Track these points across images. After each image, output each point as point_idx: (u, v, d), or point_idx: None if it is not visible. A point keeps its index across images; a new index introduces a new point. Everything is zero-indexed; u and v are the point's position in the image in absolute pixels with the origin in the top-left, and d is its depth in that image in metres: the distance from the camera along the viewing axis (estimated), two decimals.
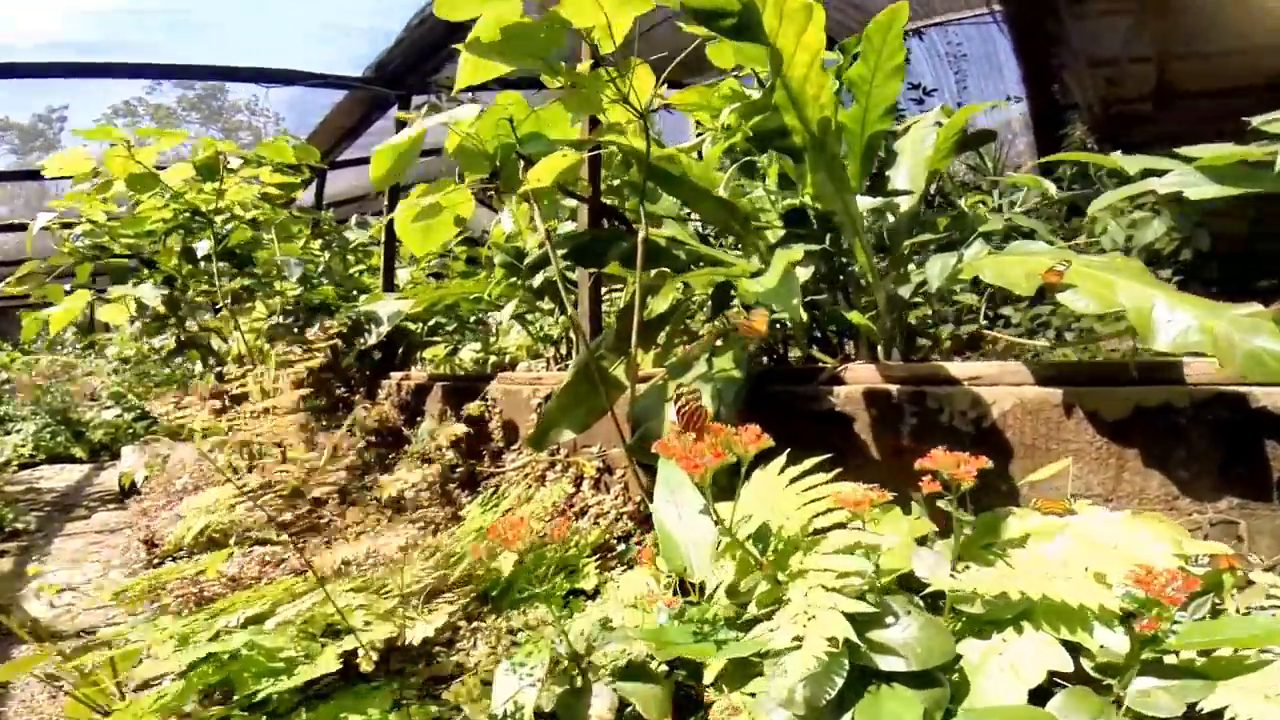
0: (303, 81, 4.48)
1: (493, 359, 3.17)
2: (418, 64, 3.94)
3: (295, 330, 2.95)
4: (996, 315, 2.22)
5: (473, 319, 3.46)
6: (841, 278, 1.67)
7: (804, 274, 1.52)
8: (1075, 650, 0.83)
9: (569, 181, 1.42)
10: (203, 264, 2.67)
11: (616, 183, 2.31)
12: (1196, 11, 3.41)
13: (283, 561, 1.86)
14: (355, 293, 3.57)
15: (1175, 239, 2.31)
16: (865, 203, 1.55)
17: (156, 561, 2.41)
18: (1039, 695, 0.79)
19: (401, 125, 1.60)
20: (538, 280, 2.38)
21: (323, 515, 1.90)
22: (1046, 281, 1.25)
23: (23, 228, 3.39)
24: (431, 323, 3.49)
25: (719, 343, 1.41)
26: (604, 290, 2.51)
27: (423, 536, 1.93)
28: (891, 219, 1.68)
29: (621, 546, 1.58)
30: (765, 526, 0.89)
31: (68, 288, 3.07)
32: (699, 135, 1.86)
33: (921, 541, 0.94)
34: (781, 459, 0.99)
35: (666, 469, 1.03)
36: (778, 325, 1.65)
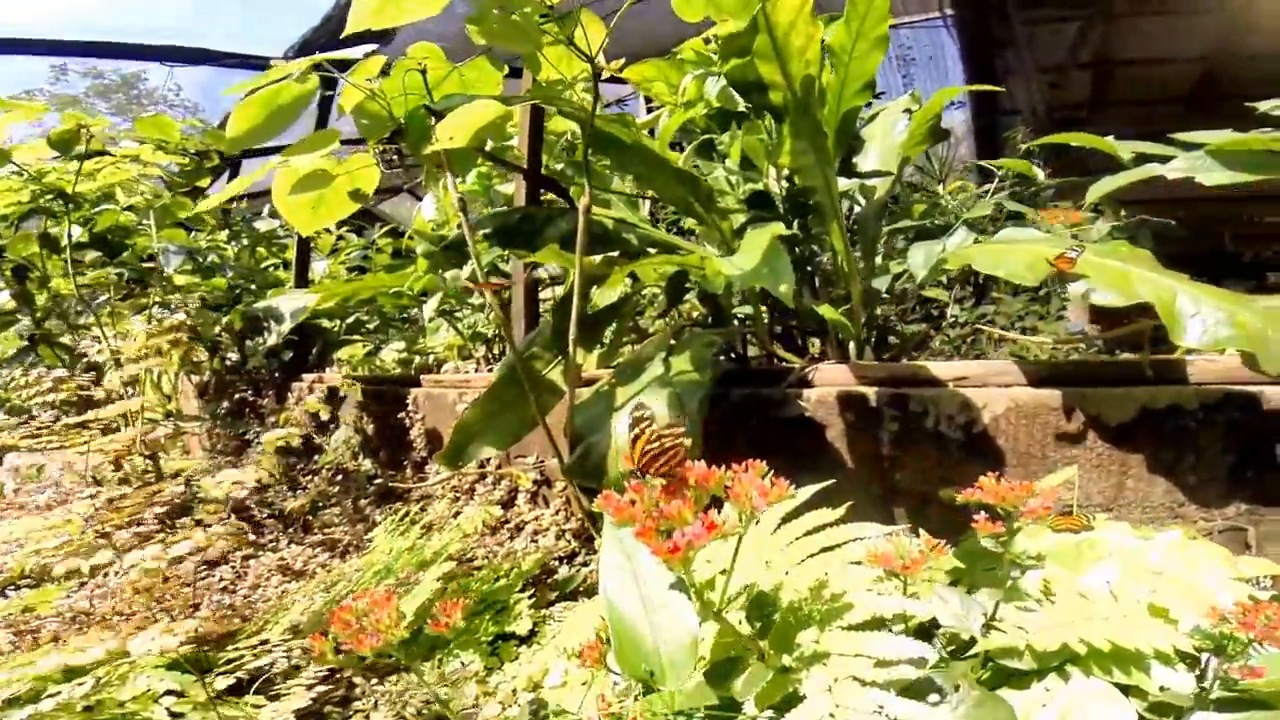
0: (217, 61, 4.05)
1: (418, 360, 2.88)
2: (347, 43, 3.60)
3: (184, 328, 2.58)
4: (941, 314, 2.10)
5: (401, 316, 3.16)
6: (809, 268, 1.49)
7: None
8: (1124, 691, 0.68)
9: (498, 145, 1.20)
10: (69, 253, 2.29)
11: (560, 167, 2.08)
12: (1130, 25, 3.46)
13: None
14: (259, 288, 3.22)
15: (1119, 239, 2.26)
16: (840, 183, 1.38)
17: None
18: None
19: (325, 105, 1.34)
20: (466, 270, 2.13)
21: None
22: (1058, 270, 1.10)
23: None
24: (351, 320, 3.17)
25: (675, 340, 1.21)
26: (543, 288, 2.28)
27: (327, 563, 1.65)
28: (862, 205, 1.51)
29: (564, 570, 1.35)
30: (763, 595, 0.68)
31: None
32: (650, 112, 1.65)
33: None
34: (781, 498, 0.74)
35: (622, 532, 0.69)
36: (739, 319, 1.47)
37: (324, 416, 2.90)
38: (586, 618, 0.92)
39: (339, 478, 2.40)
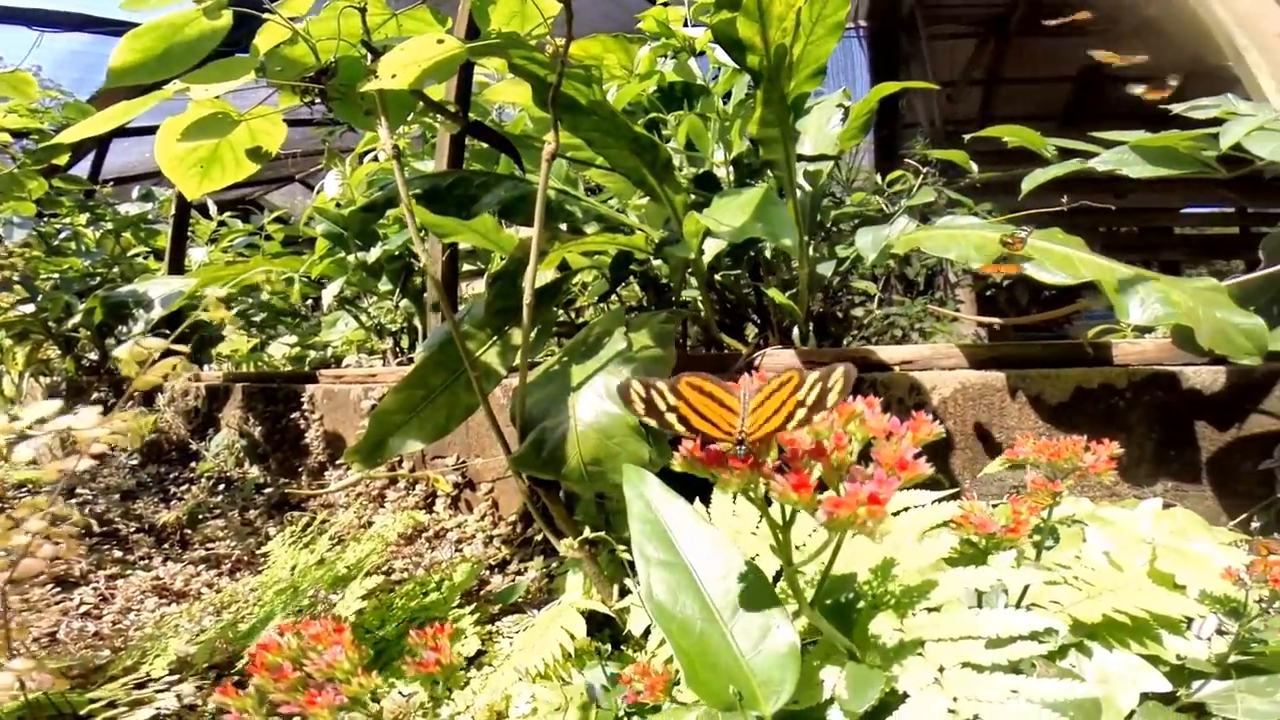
0: (98, 28, 3.51)
1: (313, 355, 2.62)
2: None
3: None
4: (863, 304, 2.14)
5: (292, 311, 2.88)
6: (753, 252, 1.45)
7: (712, 246, 1.28)
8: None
9: (440, 85, 1.07)
10: None
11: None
12: (1019, 44, 3.73)
13: None
14: (125, 279, 2.85)
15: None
16: None
17: None
18: None
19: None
20: (376, 251, 1.95)
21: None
22: (1009, 252, 1.11)
23: None
24: (234, 312, 2.86)
25: (632, 316, 1.12)
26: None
27: (213, 582, 1.44)
28: (806, 190, 1.49)
29: (498, 579, 1.23)
30: (838, 582, 0.58)
31: None
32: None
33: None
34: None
35: (658, 508, 0.58)
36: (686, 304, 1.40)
37: (201, 419, 2.59)
38: (546, 633, 0.81)
39: (221, 487, 2.14)
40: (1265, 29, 1.12)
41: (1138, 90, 1.25)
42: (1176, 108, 1.36)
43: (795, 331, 1.43)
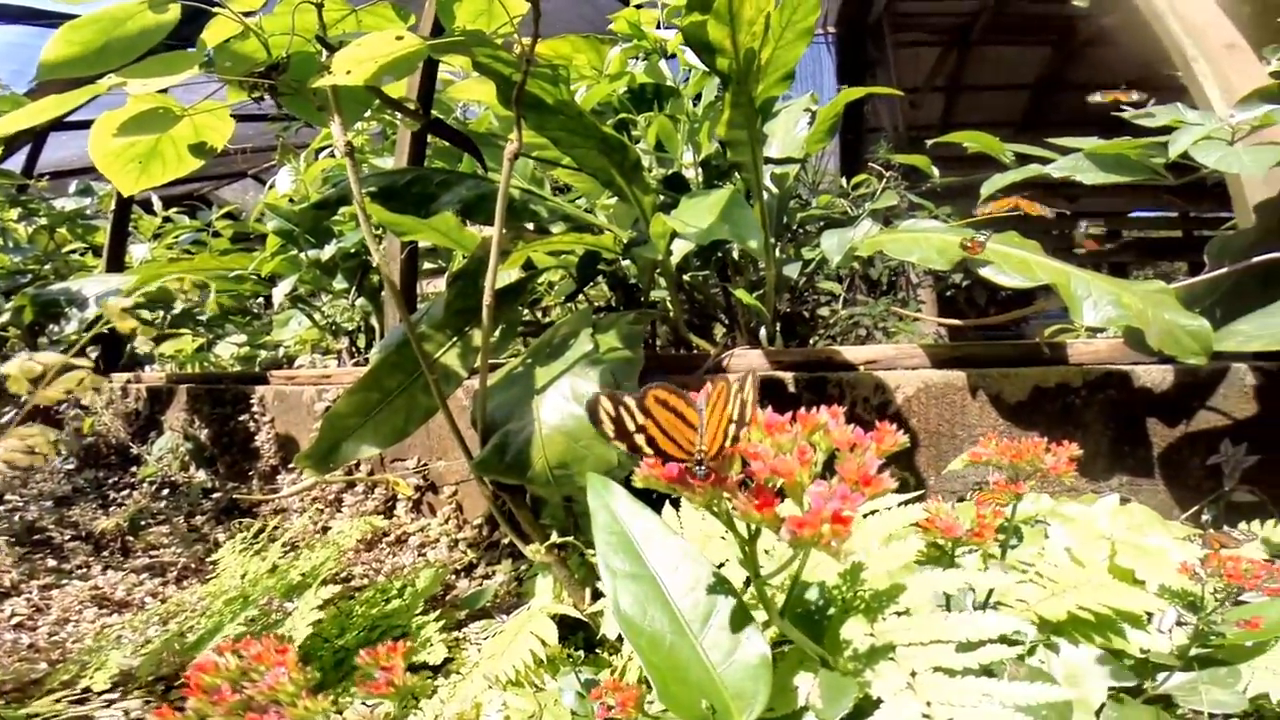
0: (36, 20, 3.31)
1: (263, 355, 2.53)
2: None
3: None
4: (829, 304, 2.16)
5: (241, 309, 2.77)
6: (720, 253, 1.45)
7: (680, 247, 1.27)
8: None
9: (401, 82, 1.03)
10: None
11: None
12: (978, 53, 3.84)
13: None
14: (59, 277, 2.71)
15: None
16: None
17: None
18: None
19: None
20: (328, 251, 1.89)
21: None
22: (969, 255, 1.13)
23: None
24: (179, 311, 2.74)
25: (599, 316, 1.11)
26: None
27: (158, 591, 1.37)
28: (773, 192, 1.50)
29: (464, 584, 1.20)
30: (807, 588, 0.56)
31: None
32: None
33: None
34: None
35: (624, 518, 0.57)
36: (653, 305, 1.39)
37: (142, 422, 2.48)
38: (516, 639, 0.79)
39: (165, 492, 2.05)
40: (1213, 39, 1.16)
41: (1100, 98, 1.29)
42: (1128, 115, 1.40)
43: (763, 332, 1.44)
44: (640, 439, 0.49)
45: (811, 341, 1.59)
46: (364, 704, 0.80)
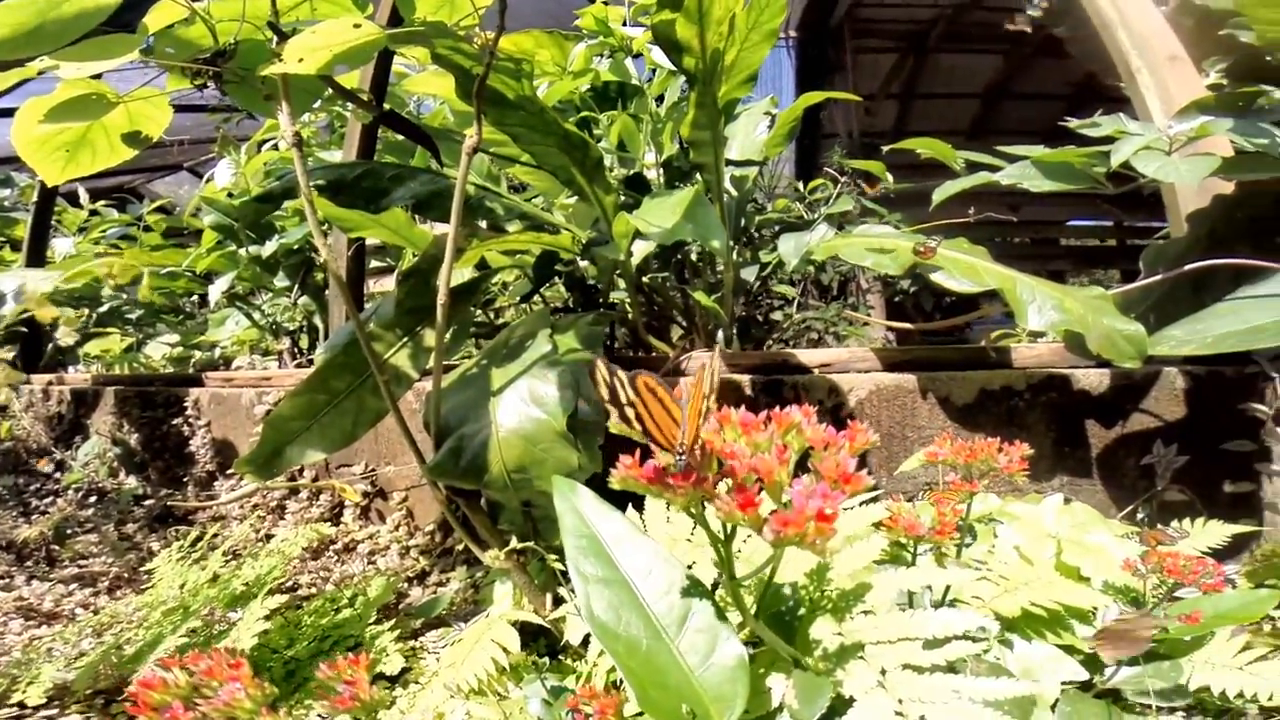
0: None
1: (198, 356, 2.42)
2: None
3: None
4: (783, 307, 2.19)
5: (173, 308, 2.65)
6: (679, 256, 1.45)
7: (641, 248, 1.27)
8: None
9: (352, 73, 1.00)
10: None
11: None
12: (933, 61, 3.94)
13: None
14: None
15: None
16: None
17: None
18: None
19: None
20: (270, 247, 1.82)
21: None
22: (920, 260, 1.15)
23: None
24: (105, 309, 2.60)
25: (557, 317, 1.09)
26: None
27: (89, 602, 1.29)
28: (732, 195, 1.50)
29: (418, 592, 1.17)
30: (778, 589, 0.57)
31: None
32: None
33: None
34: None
35: (593, 521, 0.56)
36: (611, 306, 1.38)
37: (66, 426, 2.34)
38: (476, 647, 0.77)
39: (93, 499, 1.93)
40: (1158, 50, 1.21)
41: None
42: (1073, 125, 1.46)
43: (720, 334, 1.44)
44: (630, 413, 0.49)
45: (766, 345, 1.61)
46: (319, 716, 0.77)
